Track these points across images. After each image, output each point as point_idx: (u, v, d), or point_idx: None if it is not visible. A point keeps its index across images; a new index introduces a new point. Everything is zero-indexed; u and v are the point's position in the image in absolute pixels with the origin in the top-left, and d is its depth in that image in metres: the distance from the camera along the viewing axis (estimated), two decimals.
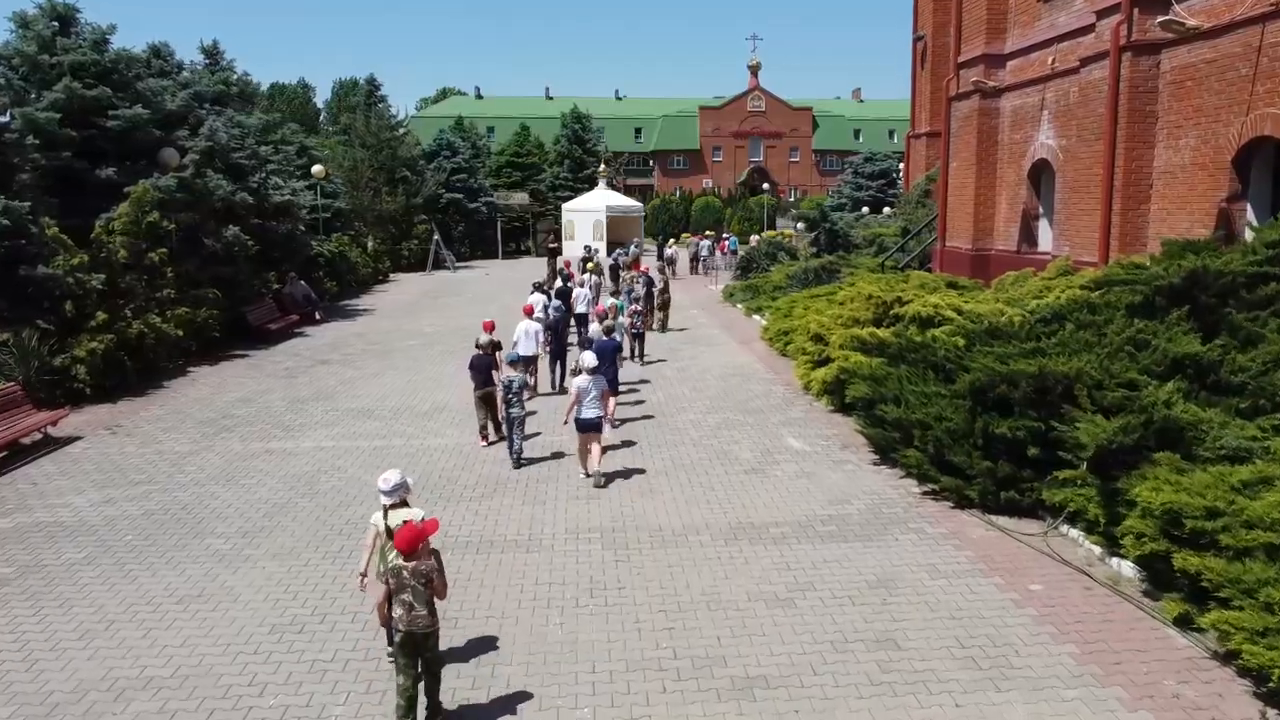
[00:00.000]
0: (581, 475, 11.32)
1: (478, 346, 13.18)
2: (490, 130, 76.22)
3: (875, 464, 11.60)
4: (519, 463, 11.83)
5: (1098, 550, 8.59)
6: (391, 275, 39.51)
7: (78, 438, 13.33)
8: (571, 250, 52.11)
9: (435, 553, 6.04)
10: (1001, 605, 7.67)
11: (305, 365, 18.99)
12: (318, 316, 25.18)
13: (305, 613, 7.66)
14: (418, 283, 37.32)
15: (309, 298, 25.48)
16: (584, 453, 11.33)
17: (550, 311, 18.06)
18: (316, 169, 32.13)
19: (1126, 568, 8.16)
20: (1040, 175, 18.42)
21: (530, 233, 54.66)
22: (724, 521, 9.68)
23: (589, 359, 11.58)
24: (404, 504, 6.90)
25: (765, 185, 69.24)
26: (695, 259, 40.69)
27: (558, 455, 12.41)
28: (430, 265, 42.03)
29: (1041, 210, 18.58)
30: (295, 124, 35.63)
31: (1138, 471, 8.34)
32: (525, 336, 15.27)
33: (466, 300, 30.46)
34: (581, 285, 24.28)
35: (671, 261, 41.47)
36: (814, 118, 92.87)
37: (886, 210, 40.63)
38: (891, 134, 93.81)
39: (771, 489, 10.72)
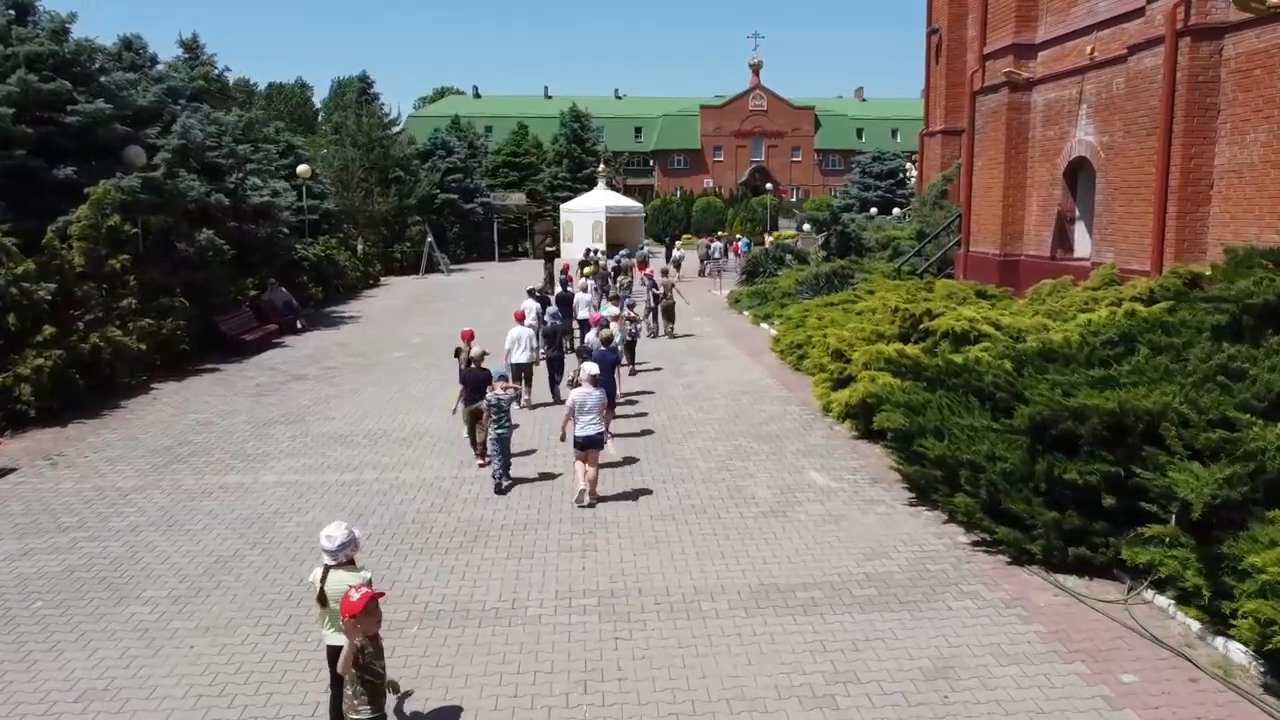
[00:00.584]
0: (579, 496, 10.26)
1: (456, 356, 12.41)
2: (489, 130, 74.75)
3: (912, 504, 10.14)
4: (501, 488, 10.74)
5: (1196, 626, 7.13)
6: (383, 279, 38.06)
7: (11, 470, 11.86)
8: (571, 253, 50.78)
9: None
10: (1092, 706, 6.21)
11: (279, 381, 17.53)
12: (299, 325, 23.73)
13: (232, 717, 6.20)
14: (410, 286, 35.86)
15: (290, 305, 24.02)
16: (580, 473, 10.34)
17: (549, 319, 16.68)
18: (302, 169, 30.69)
19: (1236, 651, 6.70)
20: (1077, 175, 16.99)
21: (528, 234, 53.23)
22: (744, 582, 8.21)
23: (590, 368, 10.62)
24: (350, 563, 5.62)
25: (769, 185, 67.65)
26: (705, 261, 39.17)
27: (547, 476, 11.10)
28: (423, 268, 40.59)
29: (1078, 212, 17.15)
30: (281, 122, 34.16)
31: (1246, 533, 6.90)
32: (518, 344, 14.44)
33: (459, 305, 29.00)
34: (584, 290, 22.98)
35: (678, 264, 40.38)
36: (816, 117, 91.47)
37: (896, 211, 39.19)
38: (895, 133, 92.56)
39: (796, 537, 9.26)
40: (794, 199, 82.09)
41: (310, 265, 28.91)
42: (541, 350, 15.70)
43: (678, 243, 46.03)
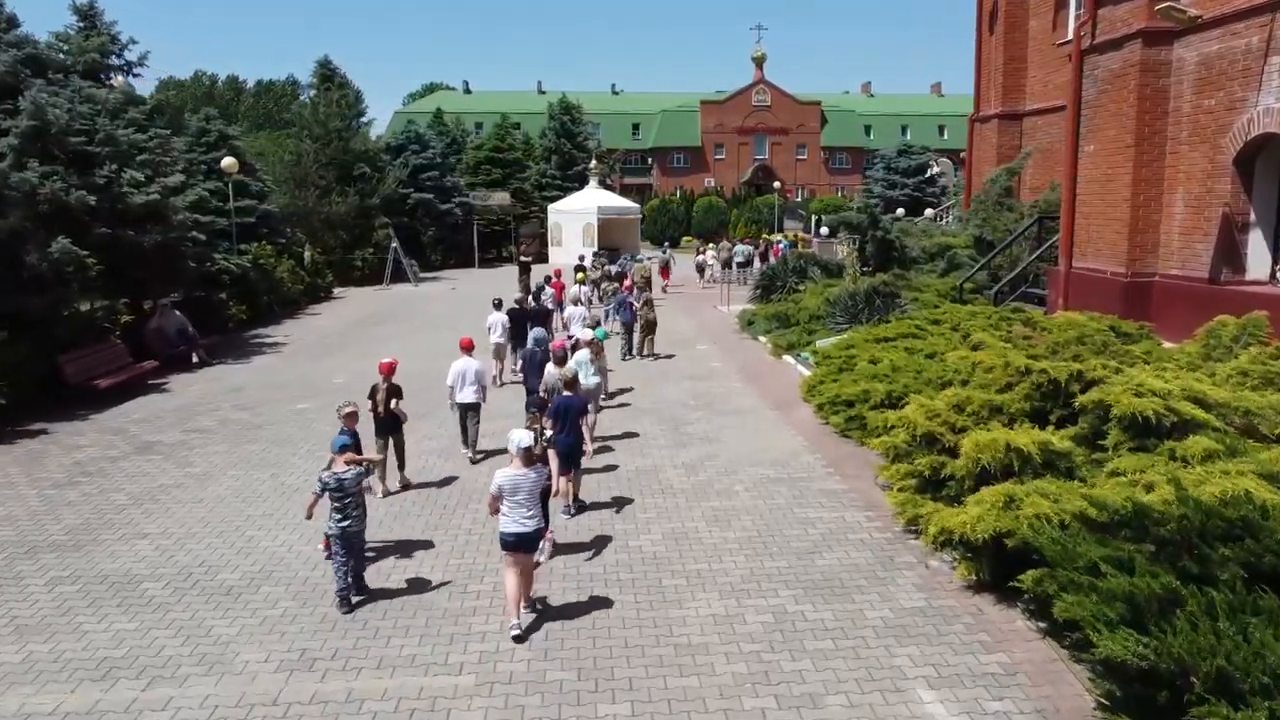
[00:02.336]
0: (512, 624, 7.09)
1: (372, 398, 10.28)
2: (479, 126, 69.57)
3: None
4: (346, 602, 7.53)
5: None
6: (337, 291, 32.93)
7: None
8: (560, 258, 45.61)
9: None
10: None
11: (113, 455, 12.42)
12: (195, 359, 18.63)
13: None
14: (366, 301, 30.77)
15: (185, 333, 18.93)
16: (512, 587, 7.16)
17: (532, 343, 13.35)
18: (227, 162, 25.61)
19: None
20: (1255, 161, 11.93)
21: (513, 237, 48.14)
22: None
23: (519, 438, 7.38)
24: None
25: (776, 184, 62.67)
26: (728, 267, 34.45)
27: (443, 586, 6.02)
28: (387, 278, 35.49)
29: (1254, 216, 12.08)
30: (214, 109, 29.04)
31: None
32: (462, 380, 11.53)
33: (413, 327, 23.91)
34: (577, 303, 18.39)
35: (701, 269, 35.67)
36: (823, 113, 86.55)
37: (929, 213, 34.11)
38: (905, 130, 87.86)
39: None
40: (799, 198, 77.19)
41: (233, 279, 23.82)
42: (515, 372, 13.64)
43: (709, 246, 40.53)
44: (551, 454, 9.01)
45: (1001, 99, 23.34)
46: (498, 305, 17.00)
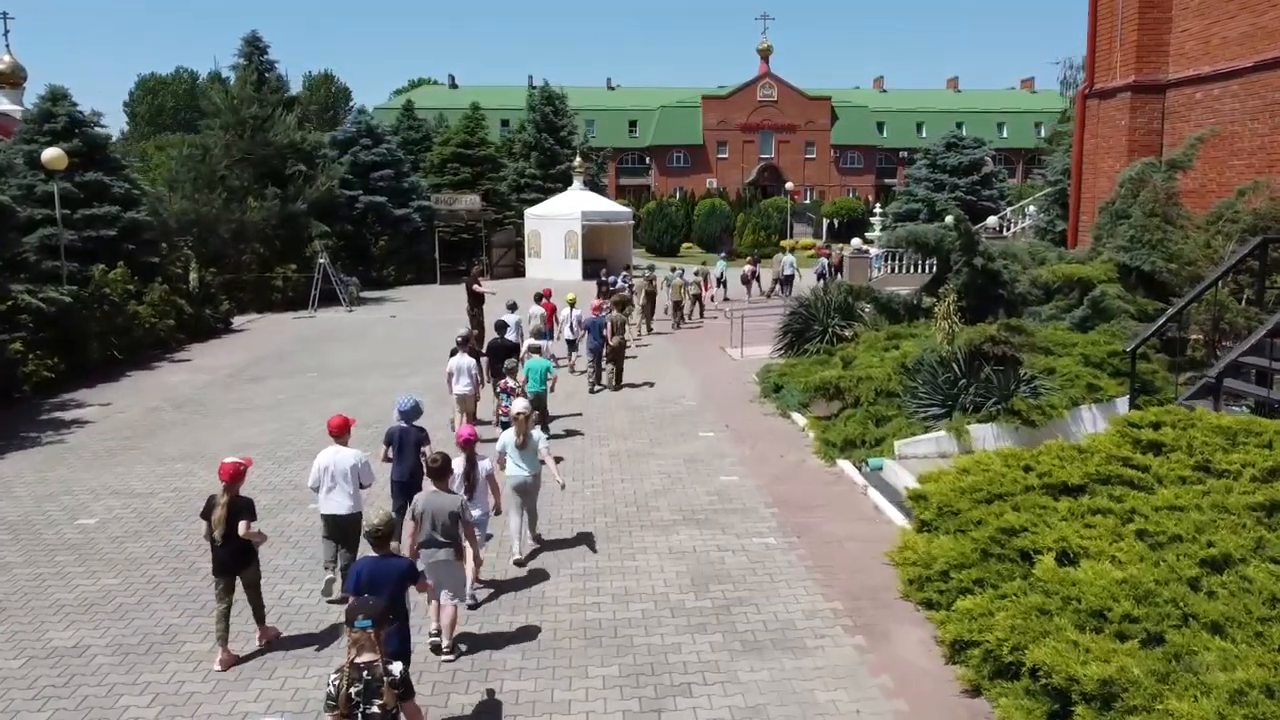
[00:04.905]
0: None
1: (206, 517, 6.98)
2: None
3: None
4: None
5: None
6: (240, 320, 25.86)
7: None
8: (539, 272, 38.60)
9: None
10: None
11: None
12: None
13: None
14: (273, 334, 23.77)
15: None
16: None
17: (397, 418, 9.11)
18: (49, 154, 18.56)
19: None
20: None
21: (484, 247, 41.15)
22: None
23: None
24: None
25: (788, 185, 55.72)
26: (777, 283, 29.37)
27: None
28: (313, 301, 28.45)
29: None
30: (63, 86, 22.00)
31: None
32: (329, 482, 7.88)
33: (300, 387, 16.84)
34: (540, 336, 14.81)
35: (746, 281, 29.98)
36: (833, 108, 79.81)
37: (991, 221, 27.10)
38: (920, 127, 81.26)
39: None
40: (807, 200, 70.46)
41: (45, 319, 16.83)
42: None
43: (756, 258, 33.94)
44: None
45: (1135, 63, 16.33)
46: (460, 344, 12.78)
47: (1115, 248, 13.85)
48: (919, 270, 26.45)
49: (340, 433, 8.03)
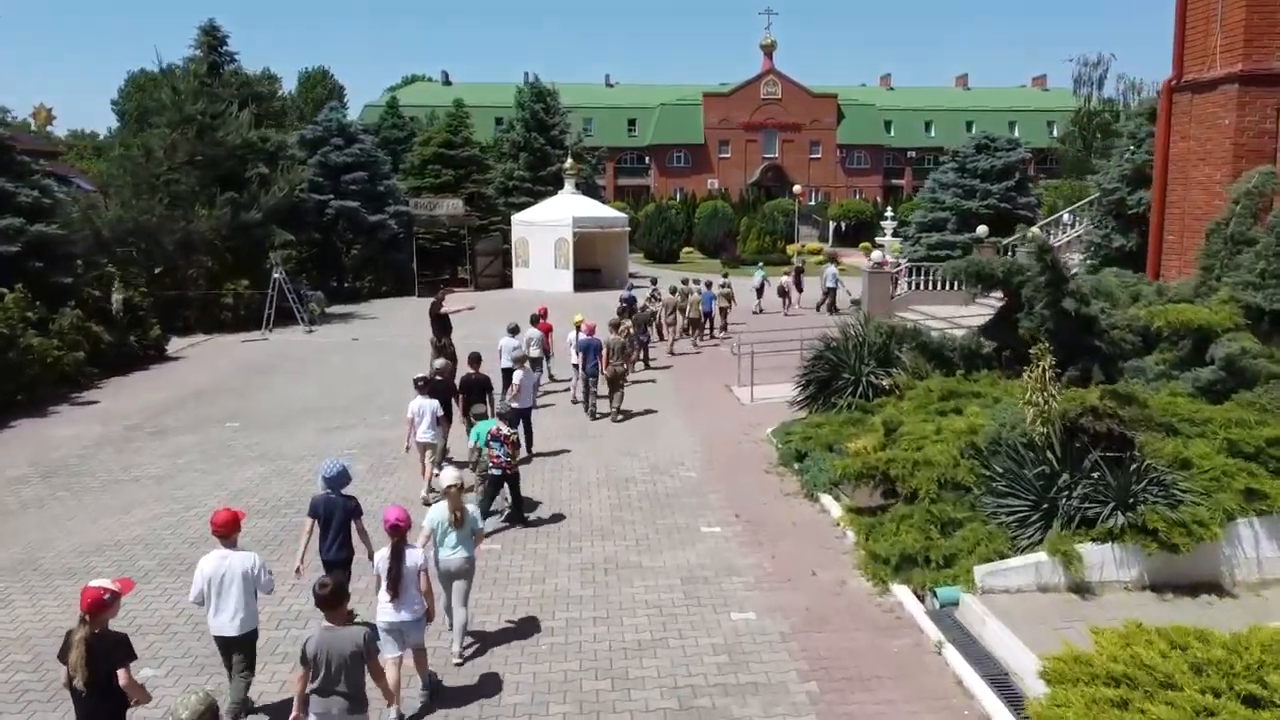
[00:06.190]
0: None
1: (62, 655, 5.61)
2: None
3: None
4: None
5: None
6: (176, 345, 22.61)
7: None
8: (527, 283, 35.51)
9: None
10: None
11: None
12: None
13: None
14: (209, 363, 20.59)
15: None
16: None
17: (323, 485, 7.67)
18: None
19: None
20: None
21: (467, 255, 38.03)
22: None
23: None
24: None
25: (796, 187, 52.51)
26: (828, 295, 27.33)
27: None
28: (267, 321, 25.30)
29: None
30: None
31: None
32: (214, 597, 6.49)
33: (205, 448, 13.60)
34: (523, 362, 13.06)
35: (784, 293, 28.33)
36: (839, 107, 76.66)
37: (1032, 233, 23.84)
38: (929, 126, 78.11)
39: None
40: (812, 201, 67.38)
41: None
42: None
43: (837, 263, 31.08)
44: None
45: (1243, 49, 13.16)
46: (420, 387, 11.47)
47: (1238, 283, 10.67)
48: (950, 287, 23.28)
49: (228, 531, 6.59)
